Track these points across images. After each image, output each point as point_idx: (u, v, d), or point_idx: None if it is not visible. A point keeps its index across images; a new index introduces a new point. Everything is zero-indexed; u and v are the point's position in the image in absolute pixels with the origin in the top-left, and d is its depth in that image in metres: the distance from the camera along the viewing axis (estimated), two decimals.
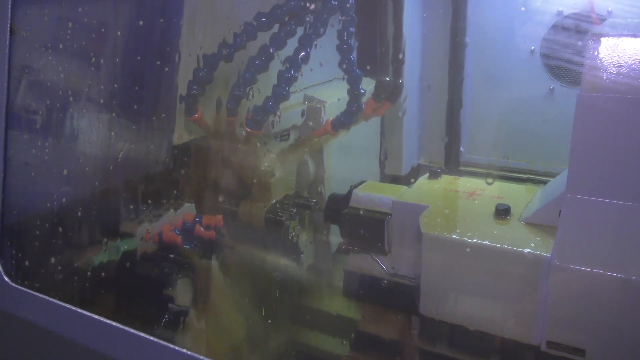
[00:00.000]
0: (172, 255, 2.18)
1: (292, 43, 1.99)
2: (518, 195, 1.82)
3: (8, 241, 2.28)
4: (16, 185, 2.27)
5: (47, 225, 2.28)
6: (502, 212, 1.67)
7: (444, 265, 1.64)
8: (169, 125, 2.23)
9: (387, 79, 2.12)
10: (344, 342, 1.99)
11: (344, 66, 2.01)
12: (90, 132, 2.26)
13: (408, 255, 1.80)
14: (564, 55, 2.11)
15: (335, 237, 2.00)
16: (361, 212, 1.87)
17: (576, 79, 2.08)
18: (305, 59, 1.99)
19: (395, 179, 2.37)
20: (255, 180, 2.10)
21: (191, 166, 2.18)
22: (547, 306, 1.44)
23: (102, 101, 2.25)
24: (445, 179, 2.02)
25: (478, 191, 1.88)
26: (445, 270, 1.64)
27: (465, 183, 1.97)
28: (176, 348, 1.74)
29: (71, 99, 2.27)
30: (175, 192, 2.19)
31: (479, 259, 1.57)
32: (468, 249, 1.57)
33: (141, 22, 2.17)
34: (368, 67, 2.08)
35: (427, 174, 2.04)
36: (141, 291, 2.20)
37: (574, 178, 1.43)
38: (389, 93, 2.15)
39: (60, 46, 2.23)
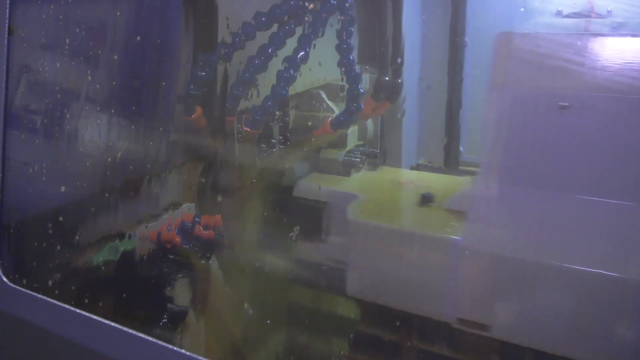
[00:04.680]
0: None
1: (291, 43, 2.00)
2: (452, 185, 1.96)
3: (7, 242, 2.28)
4: (15, 185, 2.27)
5: (45, 225, 2.28)
6: (426, 200, 1.80)
7: (367, 249, 1.77)
8: (168, 125, 2.24)
9: (387, 78, 2.12)
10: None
11: (343, 68, 2.03)
12: (89, 132, 2.26)
13: (341, 241, 1.92)
14: None
15: None
16: (304, 201, 2.01)
17: None
18: (305, 59, 1.99)
19: None
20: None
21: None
22: (456, 285, 1.57)
23: (99, 101, 2.25)
24: (386, 171, 2.16)
25: (413, 181, 2.02)
26: (368, 253, 1.77)
27: (404, 174, 2.13)
28: (175, 348, 1.74)
29: (68, 98, 2.27)
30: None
31: (398, 242, 1.70)
32: (388, 234, 1.70)
33: (139, 22, 2.17)
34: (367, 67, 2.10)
35: (369, 166, 2.17)
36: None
37: (483, 168, 1.57)
38: (389, 93, 2.15)
39: (57, 46, 2.23)
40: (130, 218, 2.25)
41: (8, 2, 2.13)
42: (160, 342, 1.78)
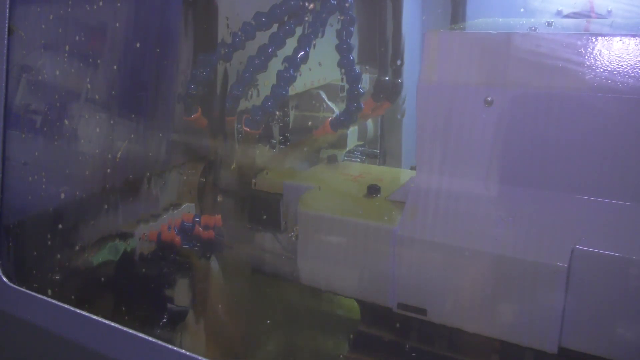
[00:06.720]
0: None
1: (291, 43, 2.00)
2: (402, 178, 2.00)
3: (6, 242, 2.28)
4: (15, 185, 2.27)
5: (45, 225, 2.28)
6: (372, 191, 1.84)
7: (314, 238, 1.81)
8: (168, 125, 2.24)
9: (387, 78, 2.12)
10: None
11: (343, 68, 2.03)
12: (89, 132, 2.26)
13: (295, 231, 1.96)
14: None
15: None
16: (261, 194, 2.07)
17: None
18: (305, 59, 1.99)
19: None
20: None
21: None
22: (395, 272, 1.62)
23: (99, 101, 2.25)
24: (343, 164, 2.20)
25: (364, 174, 2.04)
26: (315, 243, 1.82)
27: (359, 167, 2.17)
28: (175, 348, 1.74)
29: (68, 98, 2.27)
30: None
31: (342, 232, 1.76)
32: (334, 223, 1.77)
33: (139, 21, 2.17)
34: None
35: (326, 160, 2.20)
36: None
37: (419, 160, 1.63)
38: (388, 93, 2.15)
39: (55, 46, 2.23)
40: (131, 218, 2.25)
41: (8, 2, 2.13)
42: (160, 342, 1.78)
